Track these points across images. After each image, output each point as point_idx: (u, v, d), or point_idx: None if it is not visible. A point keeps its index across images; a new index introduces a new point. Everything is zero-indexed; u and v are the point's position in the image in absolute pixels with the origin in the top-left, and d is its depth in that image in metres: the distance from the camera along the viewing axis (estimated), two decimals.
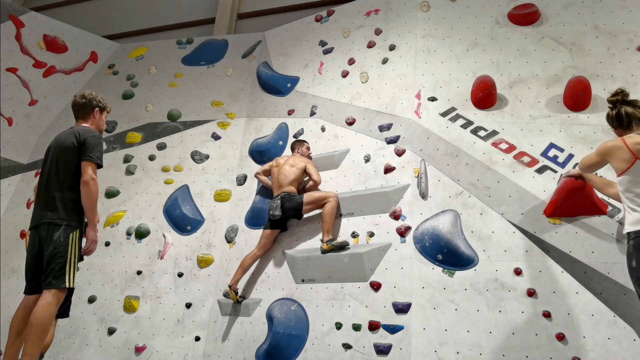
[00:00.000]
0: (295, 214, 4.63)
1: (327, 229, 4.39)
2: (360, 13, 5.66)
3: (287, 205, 4.59)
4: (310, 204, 4.57)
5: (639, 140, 2.71)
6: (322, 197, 4.54)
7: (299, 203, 4.57)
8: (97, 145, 3.19)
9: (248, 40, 6.62)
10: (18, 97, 6.54)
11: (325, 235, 4.38)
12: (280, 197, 4.63)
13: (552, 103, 4.31)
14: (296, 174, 4.73)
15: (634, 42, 4.36)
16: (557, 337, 3.45)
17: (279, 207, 4.58)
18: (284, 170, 4.75)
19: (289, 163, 4.80)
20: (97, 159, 3.17)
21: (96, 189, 3.12)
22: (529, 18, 4.73)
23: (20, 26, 6.72)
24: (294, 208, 4.57)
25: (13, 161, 6.39)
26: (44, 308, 2.90)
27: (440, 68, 4.80)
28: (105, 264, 5.35)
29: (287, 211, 4.59)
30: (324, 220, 4.42)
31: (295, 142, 5.06)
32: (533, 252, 3.75)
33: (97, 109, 3.47)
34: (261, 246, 4.71)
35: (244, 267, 4.66)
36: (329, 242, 4.32)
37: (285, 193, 4.64)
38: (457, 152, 4.31)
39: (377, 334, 3.90)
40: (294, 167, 4.75)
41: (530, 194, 3.95)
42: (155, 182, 5.75)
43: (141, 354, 4.79)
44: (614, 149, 2.78)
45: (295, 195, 4.64)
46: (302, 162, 4.81)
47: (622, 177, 2.74)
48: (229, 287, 4.58)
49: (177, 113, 6.23)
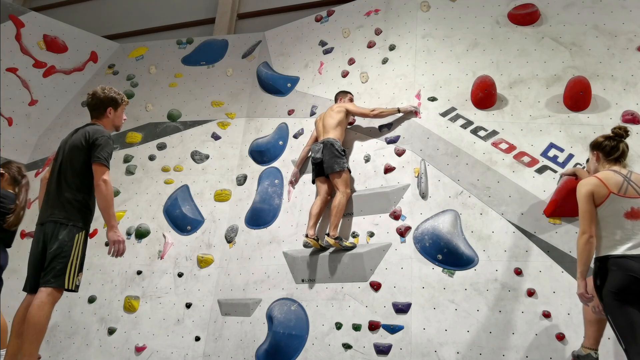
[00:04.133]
0: (327, 168, 4.53)
1: (335, 224, 4.32)
2: (360, 13, 5.66)
3: (325, 156, 4.52)
4: (339, 177, 4.47)
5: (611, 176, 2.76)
6: (345, 184, 4.46)
7: (335, 169, 4.47)
8: (105, 146, 3.12)
9: (248, 40, 6.62)
10: (18, 97, 6.54)
11: (332, 229, 4.31)
12: (323, 142, 4.60)
13: (552, 103, 4.31)
14: (339, 118, 4.71)
15: (634, 42, 4.36)
16: (557, 337, 3.45)
17: (320, 151, 4.56)
18: (328, 116, 4.76)
19: (333, 109, 4.81)
20: (105, 160, 3.10)
21: (108, 191, 3.05)
22: (529, 18, 4.73)
23: (20, 26, 6.72)
24: (330, 165, 4.49)
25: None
26: (39, 307, 2.88)
27: (440, 68, 4.80)
28: (105, 264, 5.34)
29: (324, 160, 4.53)
30: (332, 213, 4.35)
31: (340, 93, 5.07)
32: (533, 252, 3.75)
33: (111, 108, 3.35)
34: (319, 193, 4.62)
35: (313, 215, 4.48)
36: (337, 239, 4.25)
37: (330, 141, 4.58)
38: (457, 152, 4.31)
39: (377, 334, 3.90)
40: (334, 112, 4.76)
41: (530, 194, 3.96)
42: (155, 182, 5.75)
43: (141, 354, 4.80)
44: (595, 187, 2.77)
45: (339, 152, 4.52)
46: (344, 106, 4.80)
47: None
48: (306, 237, 4.35)
49: (177, 113, 6.23)
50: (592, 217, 2.70)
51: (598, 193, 2.70)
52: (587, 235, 2.67)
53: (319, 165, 4.62)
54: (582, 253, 2.68)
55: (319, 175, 4.64)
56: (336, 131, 4.66)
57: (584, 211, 2.72)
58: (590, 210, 2.70)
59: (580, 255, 2.69)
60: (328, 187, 4.62)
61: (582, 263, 2.69)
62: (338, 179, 4.48)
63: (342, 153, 4.55)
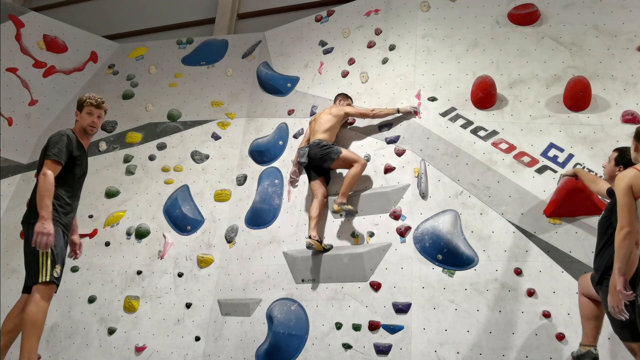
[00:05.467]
0: (323, 163, 4.57)
1: (343, 192, 4.40)
2: (360, 13, 5.66)
3: (316, 153, 4.55)
4: (341, 160, 4.53)
5: None
6: (353, 159, 4.52)
7: (331, 157, 4.51)
8: (56, 143, 3.25)
9: (248, 40, 6.62)
10: (18, 97, 6.54)
11: (340, 197, 4.40)
12: (309, 145, 4.65)
13: (552, 103, 4.31)
14: (332, 122, 4.71)
15: (634, 42, 4.36)
16: (557, 337, 3.45)
17: (305, 155, 4.61)
18: (320, 119, 4.76)
19: (327, 112, 4.80)
20: (53, 155, 3.19)
21: (45, 183, 3.10)
22: (529, 18, 4.73)
23: (20, 26, 6.72)
24: (323, 158, 4.53)
25: (13, 161, 6.38)
26: (32, 303, 3.00)
27: (440, 68, 4.80)
28: (105, 264, 5.35)
29: (314, 158, 4.57)
30: (344, 182, 4.44)
31: (341, 95, 5.04)
32: (533, 252, 3.75)
33: (77, 111, 3.56)
34: (316, 196, 4.63)
35: (313, 217, 4.49)
36: (341, 204, 4.36)
37: (318, 141, 4.61)
38: (457, 152, 4.31)
39: (377, 334, 3.90)
40: (331, 115, 4.75)
41: (530, 194, 3.96)
42: (155, 182, 5.75)
43: (141, 354, 4.80)
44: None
45: (327, 145, 4.58)
46: (342, 109, 4.80)
47: None
48: (309, 238, 4.34)
49: (177, 113, 6.23)
50: (631, 210, 2.54)
51: (638, 185, 2.55)
52: (626, 230, 2.52)
53: (308, 168, 4.68)
54: (621, 248, 2.52)
55: (313, 178, 4.68)
56: (325, 134, 4.66)
57: (622, 204, 2.56)
58: (629, 203, 2.55)
59: (618, 250, 2.53)
60: (323, 189, 4.66)
61: (620, 259, 2.52)
62: (344, 162, 4.54)
63: (330, 144, 4.61)
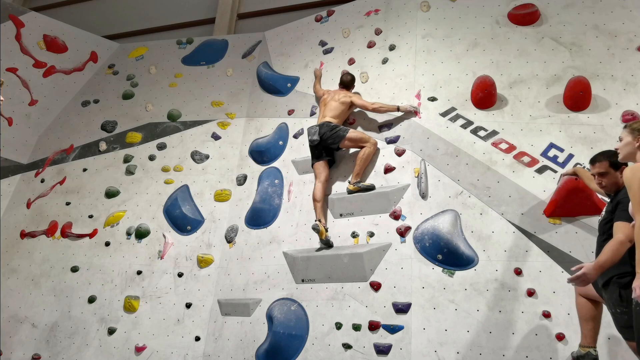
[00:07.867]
0: (332, 143, 4.66)
1: (357, 172, 4.51)
2: (360, 13, 5.66)
3: (326, 133, 4.65)
4: (350, 140, 4.63)
5: None
6: (363, 139, 4.62)
7: (340, 135, 4.62)
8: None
9: (248, 40, 6.62)
10: (18, 97, 6.54)
11: (354, 177, 4.50)
12: (320, 124, 4.73)
13: (552, 103, 4.31)
14: (340, 109, 4.81)
15: (634, 42, 4.36)
16: (557, 337, 3.45)
17: (317, 133, 4.69)
18: (330, 105, 4.84)
19: (339, 98, 4.86)
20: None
21: None
22: (529, 18, 4.73)
23: (20, 26, 6.72)
24: (333, 137, 4.63)
25: (13, 161, 6.39)
26: None
27: (440, 68, 4.80)
28: (105, 264, 5.35)
29: (325, 138, 4.65)
30: (357, 162, 4.53)
31: (352, 81, 5.08)
32: (533, 252, 3.75)
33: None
34: (319, 178, 4.69)
35: (318, 200, 4.56)
36: (356, 183, 4.46)
37: (327, 122, 4.72)
38: (457, 152, 4.31)
39: (377, 334, 3.90)
40: (339, 101, 4.83)
41: (530, 194, 3.96)
42: (155, 182, 5.75)
43: (141, 354, 4.80)
44: None
45: (337, 127, 4.69)
46: (350, 96, 4.87)
47: None
48: (318, 222, 4.41)
49: (177, 113, 6.23)
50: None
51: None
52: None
53: (316, 148, 4.73)
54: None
55: (318, 158, 4.74)
56: (334, 119, 4.77)
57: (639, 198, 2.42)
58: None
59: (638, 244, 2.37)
60: (327, 172, 4.73)
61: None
62: (353, 141, 4.63)
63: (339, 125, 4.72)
